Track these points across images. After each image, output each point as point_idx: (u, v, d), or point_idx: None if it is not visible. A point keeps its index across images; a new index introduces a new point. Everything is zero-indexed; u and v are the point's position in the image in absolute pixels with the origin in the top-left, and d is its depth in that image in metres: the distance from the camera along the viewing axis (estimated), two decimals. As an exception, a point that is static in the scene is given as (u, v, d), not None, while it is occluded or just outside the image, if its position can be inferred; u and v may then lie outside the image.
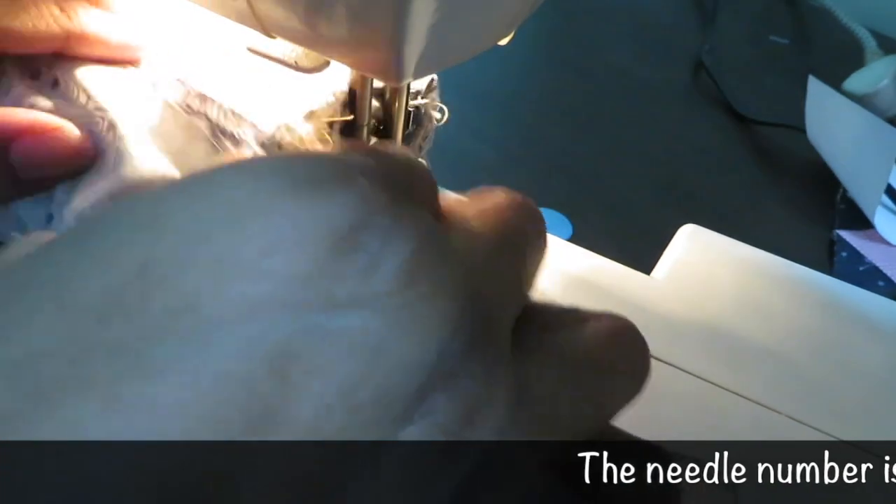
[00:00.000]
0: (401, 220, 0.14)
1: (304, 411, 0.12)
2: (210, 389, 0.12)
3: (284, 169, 0.14)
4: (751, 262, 0.37)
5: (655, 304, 0.34)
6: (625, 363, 0.20)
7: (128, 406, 0.11)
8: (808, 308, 0.35)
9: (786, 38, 0.74)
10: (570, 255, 0.36)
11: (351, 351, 0.13)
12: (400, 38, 0.23)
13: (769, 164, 0.58)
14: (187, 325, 0.12)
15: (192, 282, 0.13)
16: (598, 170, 0.54)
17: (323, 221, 0.14)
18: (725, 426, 0.29)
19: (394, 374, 0.13)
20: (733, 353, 0.32)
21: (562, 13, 0.75)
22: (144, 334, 0.12)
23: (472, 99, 0.59)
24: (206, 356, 0.12)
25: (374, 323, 0.13)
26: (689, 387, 0.31)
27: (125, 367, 0.12)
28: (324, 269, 0.13)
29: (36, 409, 0.11)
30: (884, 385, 0.32)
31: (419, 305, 0.14)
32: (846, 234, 0.50)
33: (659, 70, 0.68)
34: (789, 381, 0.31)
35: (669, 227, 0.40)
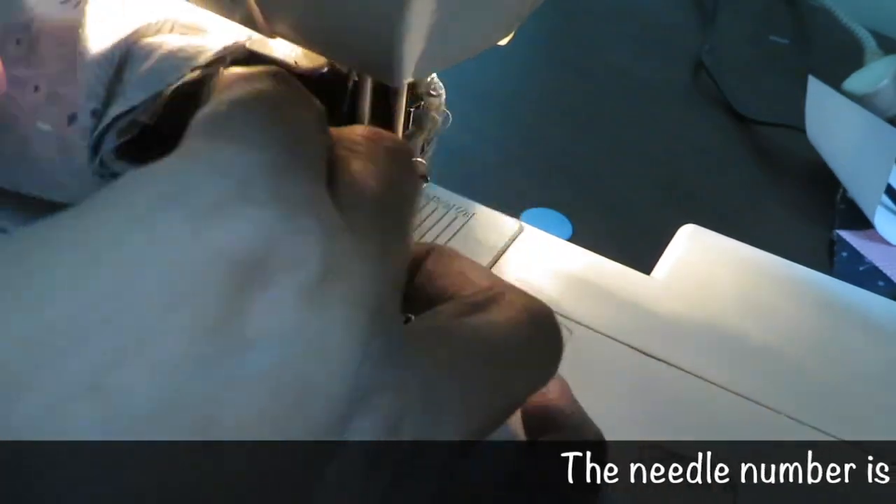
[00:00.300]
0: (301, 233, 0.14)
1: (234, 465, 0.12)
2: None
3: (182, 194, 0.14)
4: (751, 262, 0.37)
5: (655, 304, 0.34)
6: (538, 352, 0.20)
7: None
8: (808, 308, 0.35)
9: (786, 38, 0.74)
10: (570, 255, 0.36)
11: (272, 394, 0.13)
12: (400, 38, 0.23)
13: (769, 164, 0.58)
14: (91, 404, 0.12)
15: (94, 348, 0.12)
16: (598, 170, 0.54)
17: (222, 258, 0.13)
18: (725, 426, 0.29)
19: (317, 407, 0.13)
20: (733, 353, 0.32)
21: (562, 13, 0.75)
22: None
23: (472, 99, 0.59)
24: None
25: (289, 357, 0.13)
26: (689, 387, 0.31)
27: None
28: (230, 312, 0.13)
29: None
30: (884, 385, 0.32)
31: (332, 331, 0.14)
32: (846, 234, 0.50)
33: (659, 70, 0.68)
34: (789, 381, 0.31)
35: (669, 227, 0.40)
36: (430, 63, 0.25)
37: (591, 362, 0.31)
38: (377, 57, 0.24)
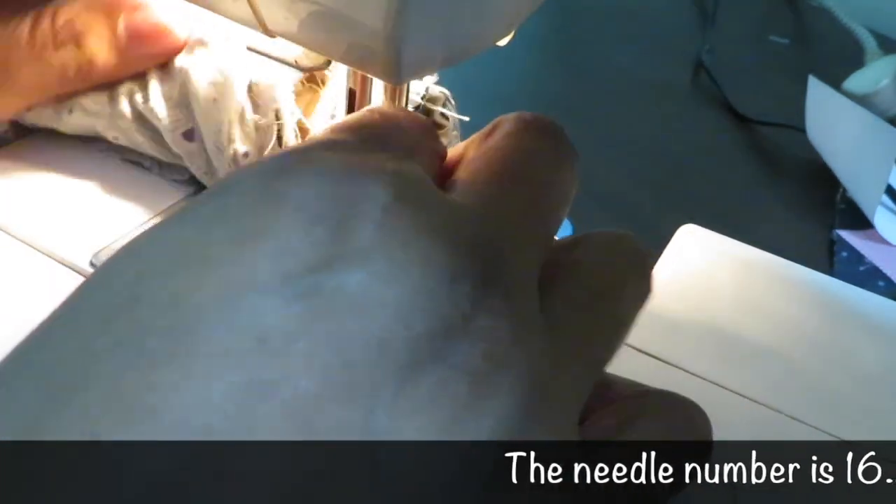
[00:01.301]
0: (367, 176, 0.14)
1: (301, 379, 0.12)
2: (204, 372, 0.12)
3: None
4: (751, 262, 0.37)
5: (655, 304, 0.34)
6: (633, 269, 0.19)
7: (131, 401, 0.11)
8: (808, 308, 0.35)
9: (786, 38, 0.74)
10: (570, 255, 0.36)
11: (339, 309, 0.13)
12: (400, 38, 0.23)
13: (769, 164, 0.58)
14: (175, 316, 0.12)
15: (177, 280, 0.13)
16: (597, 170, 0.54)
17: (291, 201, 0.14)
18: (725, 426, 0.29)
19: (390, 324, 0.13)
20: (733, 353, 0.32)
21: (562, 13, 0.75)
22: (138, 331, 0.12)
23: (472, 99, 0.59)
24: (195, 341, 0.12)
25: (357, 277, 0.13)
26: (689, 387, 0.31)
27: (127, 362, 0.12)
28: (302, 242, 0.13)
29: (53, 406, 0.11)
30: (884, 385, 0.32)
31: (402, 252, 0.13)
32: (846, 234, 0.50)
33: (659, 70, 0.68)
34: (789, 381, 0.31)
35: (669, 227, 0.40)
36: (430, 63, 0.25)
37: (591, 362, 0.31)
38: (377, 57, 0.24)
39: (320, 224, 0.14)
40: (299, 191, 0.14)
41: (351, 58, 0.26)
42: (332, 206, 0.14)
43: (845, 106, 0.56)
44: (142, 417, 0.11)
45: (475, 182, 0.17)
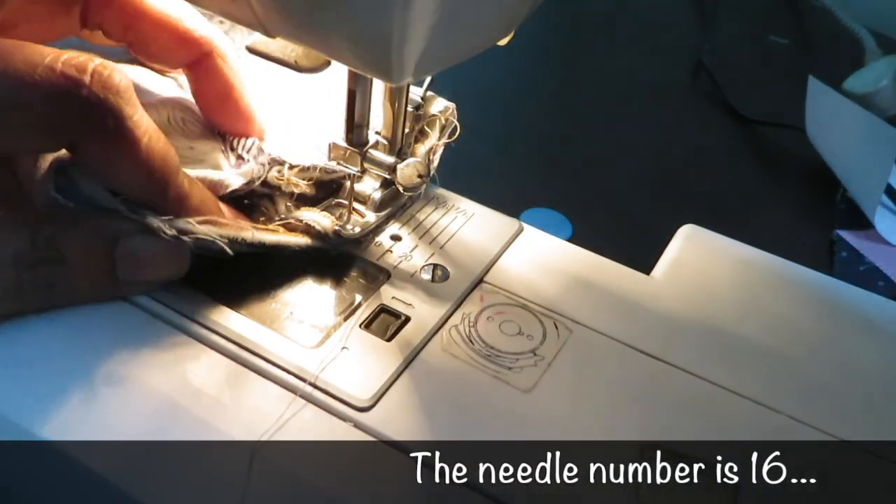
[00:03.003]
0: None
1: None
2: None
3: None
4: (751, 262, 0.37)
5: (655, 304, 0.34)
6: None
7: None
8: (808, 308, 0.35)
9: (786, 38, 0.74)
10: (570, 255, 0.36)
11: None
12: (400, 38, 0.23)
13: (769, 164, 0.58)
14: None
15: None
16: (598, 170, 0.54)
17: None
18: (725, 426, 0.29)
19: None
20: (733, 353, 0.32)
21: (562, 13, 0.75)
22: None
23: (472, 98, 0.59)
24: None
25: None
26: (689, 387, 0.31)
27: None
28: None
29: None
30: (884, 385, 0.32)
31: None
32: (846, 234, 0.50)
33: (659, 70, 0.68)
34: (789, 381, 0.31)
35: (669, 227, 0.40)
36: (429, 63, 0.25)
37: (591, 362, 0.31)
38: (377, 57, 0.24)
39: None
40: None
41: (351, 58, 0.26)
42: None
43: (845, 106, 0.56)
44: None
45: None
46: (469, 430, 0.27)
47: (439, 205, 0.37)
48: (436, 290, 0.33)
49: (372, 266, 0.33)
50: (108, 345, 0.29)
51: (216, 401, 0.27)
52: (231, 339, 0.29)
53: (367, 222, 0.34)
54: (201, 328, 0.30)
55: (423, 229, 0.36)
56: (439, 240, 0.35)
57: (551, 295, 0.34)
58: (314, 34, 0.25)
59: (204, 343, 0.29)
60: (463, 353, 0.30)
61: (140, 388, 0.27)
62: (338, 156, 0.33)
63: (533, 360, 0.30)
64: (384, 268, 0.33)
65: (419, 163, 0.33)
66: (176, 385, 0.28)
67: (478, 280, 0.34)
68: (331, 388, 0.28)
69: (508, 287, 0.34)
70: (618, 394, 0.30)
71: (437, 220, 0.36)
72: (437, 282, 0.33)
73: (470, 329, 0.31)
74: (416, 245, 0.35)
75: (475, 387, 0.29)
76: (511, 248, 0.36)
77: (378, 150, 0.33)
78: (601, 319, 0.33)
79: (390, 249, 0.34)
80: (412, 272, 0.33)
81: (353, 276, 0.33)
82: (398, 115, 0.34)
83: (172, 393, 0.27)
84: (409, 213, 0.36)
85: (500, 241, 0.36)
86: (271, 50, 0.29)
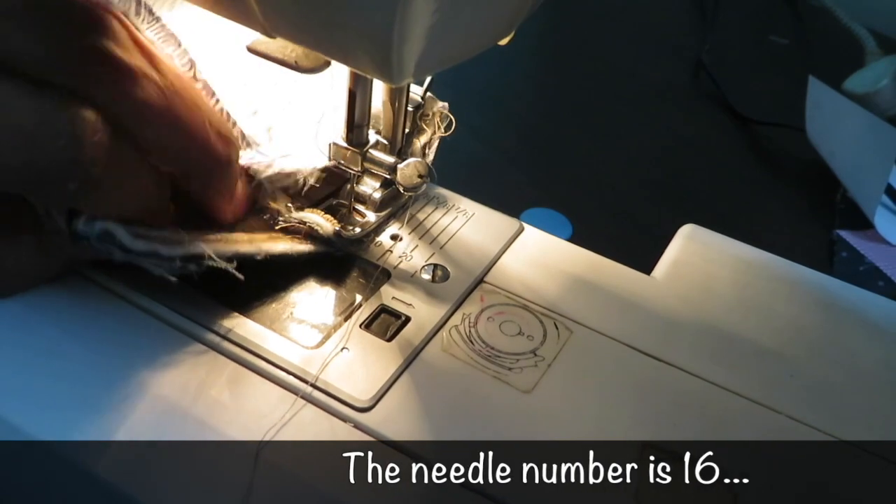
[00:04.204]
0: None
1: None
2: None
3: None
4: (751, 262, 0.37)
5: (655, 304, 0.34)
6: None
7: None
8: (808, 308, 0.35)
9: (786, 38, 0.74)
10: (570, 255, 0.36)
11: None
12: (400, 38, 0.23)
13: (769, 164, 0.58)
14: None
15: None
16: (598, 170, 0.54)
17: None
18: (725, 426, 0.29)
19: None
20: (733, 353, 0.32)
21: (562, 13, 0.75)
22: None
23: (472, 99, 0.59)
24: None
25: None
26: (689, 387, 0.31)
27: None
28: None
29: None
30: (884, 385, 0.32)
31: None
32: (846, 234, 0.50)
33: (659, 70, 0.68)
34: (789, 380, 0.31)
35: (669, 227, 0.40)
36: (429, 63, 0.25)
37: (591, 362, 0.31)
38: (377, 57, 0.24)
39: None
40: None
41: (351, 58, 0.26)
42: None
43: (845, 106, 0.56)
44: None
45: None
46: (469, 430, 0.27)
47: (439, 205, 0.37)
48: (436, 290, 0.33)
49: (372, 266, 0.33)
50: (109, 346, 0.29)
51: (216, 401, 0.27)
52: (231, 339, 0.29)
53: (367, 222, 0.34)
54: (202, 329, 0.30)
55: (424, 229, 0.36)
56: (439, 240, 0.35)
57: (552, 295, 0.34)
58: (314, 34, 0.25)
59: (204, 343, 0.29)
60: (463, 353, 0.30)
61: (141, 389, 0.28)
62: (338, 156, 0.33)
63: (533, 360, 0.30)
64: (384, 268, 0.33)
65: (419, 162, 0.33)
66: (176, 386, 0.28)
67: (478, 280, 0.34)
68: (331, 389, 0.28)
69: (509, 287, 0.34)
70: (618, 394, 0.30)
71: (438, 220, 0.36)
72: (437, 282, 0.33)
73: (470, 329, 0.31)
74: (416, 245, 0.35)
75: (475, 387, 0.29)
76: (511, 248, 0.36)
77: (378, 150, 0.33)
78: (601, 320, 0.33)
79: (390, 249, 0.34)
80: (412, 272, 0.33)
81: (353, 277, 0.33)
82: (398, 116, 0.34)
83: (172, 394, 0.27)
84: (409, 213, 0.36)
85: (500, 241, 0.36)
86: (271, 50, 0.29)
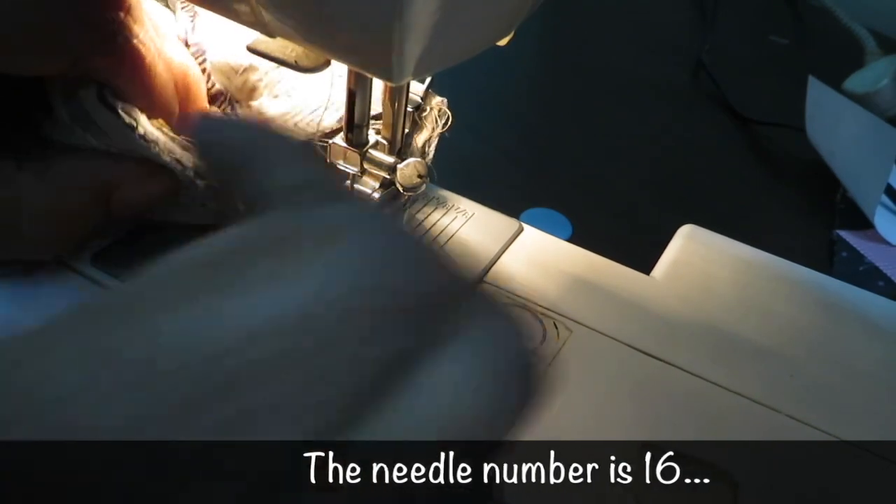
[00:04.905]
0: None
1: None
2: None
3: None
4: (751, 262, 0.37)
5: (655, 304, 0.34)
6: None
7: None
8: (808, 308, 0.35)
9: (786, 38, 0.74)
10: (570, 255, 0.36)
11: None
12: (400, 38, 0.23)
13: (769, 164, 0.58)
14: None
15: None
16: (598, 170, 0.54)
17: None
18: (725, 426, 0.29)
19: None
20: (733, 353, 0.32)
21: (562, 13, 0.75)
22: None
23: (472, 98, 0.59)
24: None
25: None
26: (689, 387, 0.31)
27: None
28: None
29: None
30: (884, 385, 0.32)
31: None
32: (846, 234, 0.50)
33: (659, 70, 0.68)
34: (789, 380, 0.31)
35: (669, 227, 0.40)
36: (430, 63, 0.25)
37: (591, 362, 0.31)
38: (377, 56, 0.24)
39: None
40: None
41: (351, 58, 0.26)
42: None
43: (845, 106, 0.56)
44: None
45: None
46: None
47: (439, 205, 0.37)
48: (436, 290, 0.33)
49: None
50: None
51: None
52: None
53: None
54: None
55: (423, 229, 0.36)
56: (439, 240, 0.35)
57: (551, 295, 0.34)
58: (314, 34, 0.25)
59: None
60: (463, 353, 0.30)
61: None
62: (338, 156, 0.33)
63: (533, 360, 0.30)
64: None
65: (419, 162, 0.33)
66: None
67: (478, 280, 0.34)
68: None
69: (508, 287, 0.34)
70: (618, 393, 0.30)
71: (437, 220, 0.36)
72: (437, 282, 0.33)
73: (470, 329, 0.31)
74: (416, 245, 0.35)
75: (475, 387, 0.29)
76: (511, 248, 0.36)
77: (378, 150, 0.33)
78: (601, 319, 0.33)
79: (390, 249, 0.34)
80: (412, 272, 0.33)
81: (353, 276, 0.33)
82: (398, 116, 0.34)
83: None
84: (408, 213, 0.36)
85: (500, 241, 0.36)
86: (271, 50, 0.29)
